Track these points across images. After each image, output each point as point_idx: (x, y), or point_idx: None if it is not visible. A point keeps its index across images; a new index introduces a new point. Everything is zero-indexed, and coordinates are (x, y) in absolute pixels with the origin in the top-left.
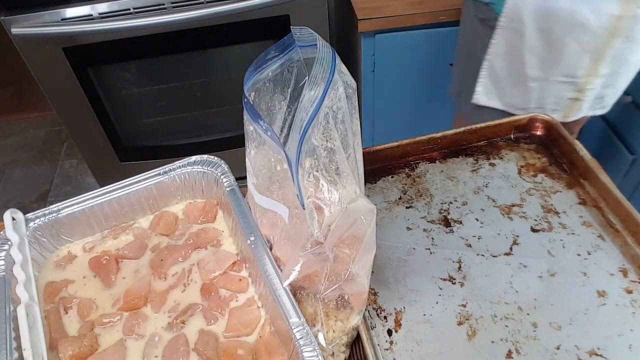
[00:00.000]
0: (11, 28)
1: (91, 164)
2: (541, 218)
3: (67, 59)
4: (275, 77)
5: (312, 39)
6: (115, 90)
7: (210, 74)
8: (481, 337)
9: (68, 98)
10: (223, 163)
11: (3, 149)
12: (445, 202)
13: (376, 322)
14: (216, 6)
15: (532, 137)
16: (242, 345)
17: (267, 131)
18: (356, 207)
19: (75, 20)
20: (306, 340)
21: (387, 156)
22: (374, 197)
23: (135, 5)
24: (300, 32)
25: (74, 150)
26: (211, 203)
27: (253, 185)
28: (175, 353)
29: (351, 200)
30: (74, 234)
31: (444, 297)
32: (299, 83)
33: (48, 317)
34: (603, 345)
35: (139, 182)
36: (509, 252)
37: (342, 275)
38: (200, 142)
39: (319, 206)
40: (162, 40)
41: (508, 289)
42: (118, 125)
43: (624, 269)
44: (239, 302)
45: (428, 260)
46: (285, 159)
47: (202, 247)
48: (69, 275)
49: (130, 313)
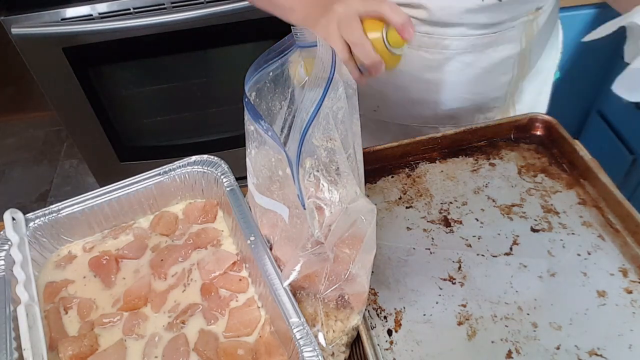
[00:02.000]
0: (11, 28)
1: (91, 164)
2: (541, 218)
3: (67, 59)
4: (275, 77)
5: (312, 39)
6: (115, 90)
7: (210, 74)
8: (481, 337)
9: (68, 98)
10: (223, 163)
11: (3, 149)
12: (445, 202)
13: (376, 322)
14: (216, 6)
15: (532, 137)
16: (242, 345)
17: (267, 131)
18: (356, 207)
19: (75, 20)
20: (306, 340)
21: (387, 156)
22: (374, 197)
23: (135, 5)
24: (300, 32)
25: (74, 150)
26: (211, 203)
27: (253, 185)
28: (175, 353)
29: (351, 200)
30: (74, 234)
31: (444, 297)
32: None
33: (48, 317)
34: (603, 345)
35: (139, 182)
36: (509, 252)
37: (342, 275)
38: (200, 142)
39: (320, 206)
40: (162, 40)
41: (508, 289)
42: (118, 125)
43: (624, 269)
44: (239, 302)
45: (428, 260)
46: (285, 159)
47: (202, 247)
48: (69, 275)
49: (130, 313)
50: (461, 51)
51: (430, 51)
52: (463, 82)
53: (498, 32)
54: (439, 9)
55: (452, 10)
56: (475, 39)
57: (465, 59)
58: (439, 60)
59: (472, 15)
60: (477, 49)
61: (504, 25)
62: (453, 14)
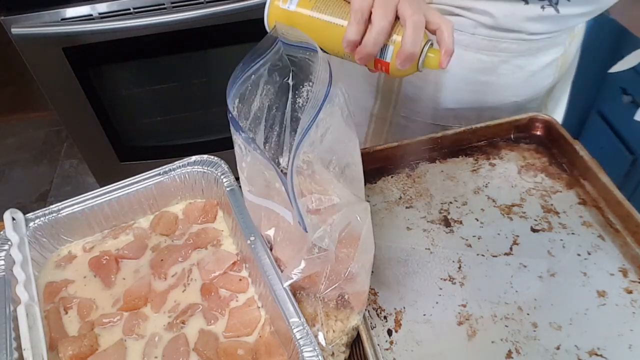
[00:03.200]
0: (11, 28)
1: (91, 164)
2: (541, 218)
3: (67, 59)
4: (258, 79)
5: (296, 40)
6: (115, 90)
7: (210, 74)
8: (481, 337)
9: (68, 98)
10: (223, 163)
11: (3, 149)
12: (445, 202)
13: (376, 322)
14: (216, 6)
15: (532, 137)
16: (242, 345)
17: (255, 149)
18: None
19: (75, 20)
20: (306, 340)
21: (387, 156)
22: (374, 197)
23: (135, 5)
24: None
25: (74, 150)
26: (211, 203)
27: (249, 193)
28: (175, 353)
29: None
30: (74, 234)
31: (444, 297)
32: (285, 78)
33: (48, 317)
34: (603, 345)
35: (139, 182)
36: (509, 252)
37: (342, 274)
38: (200, 142)
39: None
40: (162, 40)
41: (508, 289)
42: (118, 125)
43: (624, 269)
44: (239, 302)
45: (428, 260)
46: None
47: (202, 247)
48: (69, 275)
49: (130, 313)
50: (517, 54)
51: (488, 54)
52: (512, 85)
53: (552, 36)
54: (502, 16)
55: (515, 18)
56: (531, 43)
57: (519, 62)
58: (495, 63)
59: (532, 23)
60: (531, 52)
61: (558, 30)
62: (515, 20)
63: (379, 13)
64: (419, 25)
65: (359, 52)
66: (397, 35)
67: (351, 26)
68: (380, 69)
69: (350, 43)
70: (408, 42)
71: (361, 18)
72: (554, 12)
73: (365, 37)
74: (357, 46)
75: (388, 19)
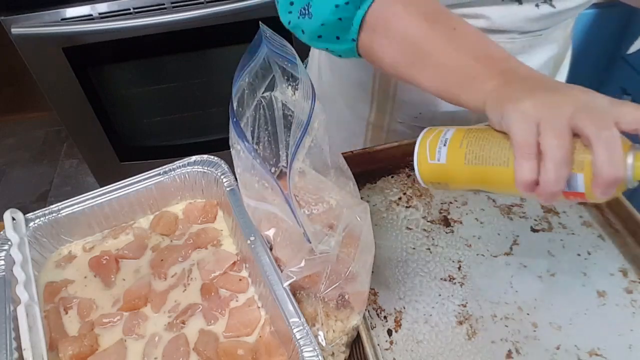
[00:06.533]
0: (11, 28)
1: (91, 164)
2: (541, 218)
3: (67, 59)
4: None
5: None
6: (115, 90)
7: (210, 74)
8: (481, 337)
9: (68, 98)
10: (223, 163)
11: (3, 149)
12: (445, 202)
13: (376, 322)
14: (216, 6)
15: None
16: (242, 345)
17: (256, 158)
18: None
19: (75, 20)
20: (306, 340)
21: (387, 156)
22: (374, 197)
23: (135, 5)
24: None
25: (74, 150)
26: (211, 203)
27: (247, 197)
28: (175, 353)
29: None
30: (74, 234)
31: (444, 297)
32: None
33: (48, 317)
34: (603, 345)
35: (139, 182)
36: (509, 252)
37: (342, 274)
38: (200, 142)
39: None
40: (162, 40)
41: (508, 289)
42: (118, 125)
43: (624, 269)
44: (239, 302)
45: (428, 260)
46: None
47: (202, 247)
48: (69, 275)
49: (130, 313)
50: (513, 54)
51: None
52: None
53: (545, 33)
54: (499, 18)
55: (513, 18)
56: (525, 41)
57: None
58: None
59: (530, 22)
60: (525, 50)
61: (553, 25)
62: (513, 21)
63: (551, 142)
64: (612, 143)
65: (540, 194)
66: (584, 155)
67: (520, 166)
68: (574, 199)
69: (525, 185)
70: (604, 168)
71: (529, 152)
72: (550, 9)
73: (542, 176)
74: (536, 184)
75: (565, 147)
